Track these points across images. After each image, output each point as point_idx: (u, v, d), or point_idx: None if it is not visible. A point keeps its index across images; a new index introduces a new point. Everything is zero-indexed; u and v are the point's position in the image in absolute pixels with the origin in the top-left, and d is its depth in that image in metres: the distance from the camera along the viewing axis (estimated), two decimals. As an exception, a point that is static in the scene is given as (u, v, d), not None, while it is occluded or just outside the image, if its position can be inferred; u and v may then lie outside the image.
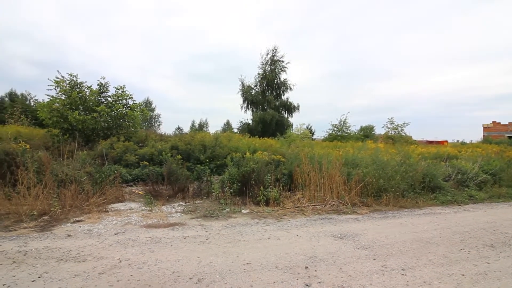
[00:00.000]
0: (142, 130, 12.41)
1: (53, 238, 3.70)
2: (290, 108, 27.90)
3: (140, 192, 6.60)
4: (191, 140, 9.79)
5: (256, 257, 3.23)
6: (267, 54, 27.91)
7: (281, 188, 6.14)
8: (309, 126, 35.62)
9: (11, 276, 2.67)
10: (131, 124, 10.58)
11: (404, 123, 18.68)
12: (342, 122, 19.97)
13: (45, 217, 4.52)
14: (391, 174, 6.36)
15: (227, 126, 45.10)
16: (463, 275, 2.93)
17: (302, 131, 17.24)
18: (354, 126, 22.09)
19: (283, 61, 27.86)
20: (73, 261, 3.01)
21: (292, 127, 24.84)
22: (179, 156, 7.88)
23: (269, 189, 5.84)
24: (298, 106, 28.31)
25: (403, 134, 18.44)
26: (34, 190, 5.03)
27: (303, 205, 5.67)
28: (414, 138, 19.96)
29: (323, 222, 4.78)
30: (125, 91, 10.48)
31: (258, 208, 5.54)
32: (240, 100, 28.50)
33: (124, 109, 10.27)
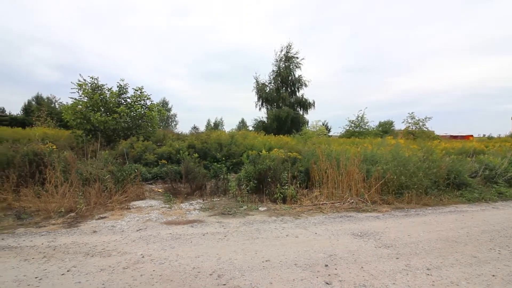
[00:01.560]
0: (160, 130, 12.70)
1: (79, 234, 3.87)
2: (306, 105, 27.53)
3: (159, 190, 6.77)
4: (207, 138, 9.92)
5: (275, 255, 3.23)
6: (281, 51, 27.70)
7: (298, 186, 6.08)
8: (325, 123, 35.25)
9: (43, 269, 2.82)
10: (149, 124, 10.87)
11: (425, 118, 18.00)
12: (359, 118, 19.53)
13: (72, 214, 4.73)
14: (413, 171, 6.14)
15: (242, 124, 45.32)
16: (493, 275, 2.79)
17: (318, 128, 17.02)
18: (372, 122, 21.61)
19: (297, 58, 27.56)
20: (99, 256, 3.14)
21: (307, 124, 24.59)
22: (196, 155, 8.01)
23: (286, 187, 5.81)
24: (314, 102, 27.93)
25: (424, 129, 17.75)
26: (61, 189, 5.28)
27: (320, 202, 5.60)
28: (436, 133, 19.14)
29: (342, 220, 4.70)
30: (143, 92, 10.77)
31: (275, 205, 5.53)
32: (255, 98, 28.50)
33: (142, 109, 10.56)
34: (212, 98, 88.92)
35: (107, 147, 8.90)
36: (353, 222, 4.60)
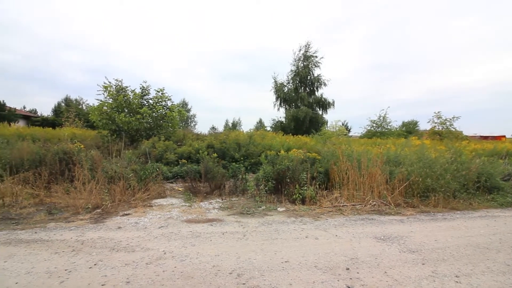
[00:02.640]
0: (180, 130, 13.00)
1: (105, 230, 4.04)
2: (325, 105, 27.05)
3: (179, 189, 6.92)
4: (225, 138, 10.02)
5: (294, 256, 3.19)
6: (300, 50, 27.39)
7: (317, 187, 5.99)
8: (345, 123, 34.46)
9: (71, 262, 2.97)
10: (170, 124, 11.15)
11: (453, 117, 17.06)
12: (381, 118, 18.91)
13: (98, 210, 4.95)
14: (440, 173, 5.85)
15: (260, 124, 45.28)
16: (531, 286, 2.59)
17: (337, 128, 16.65)
18: (395, 121, 20.84)
19: (316, 56, 27.12)
20: (124, 251, 3.26)
21: (327, 124, 24.16)
22: (215, 154, 8.10)
23: (305, 188, 5.74)
24: (333, 102, 27.39)
25: (452, 129, 16.85)
26: (88, 186, 5.54)
27: (341, 204, 5.48)
28: (465, 133, 18.15)
29: (363, 223, 4.56)
30: (164, 93, 11.08)
31: (294, 206, 5.48)
32: (273, 98, 28.41)
33: (163, 110, 10.87)
34: (230, 99, 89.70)
35: (130, 147, 9.23)
36: (375, 225, 4.45)
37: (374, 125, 19.10)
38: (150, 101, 11.02)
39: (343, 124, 29.86)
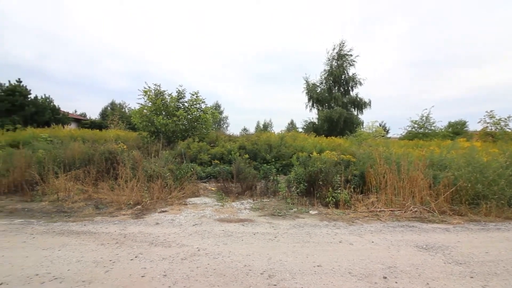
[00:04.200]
0: (213, 132, 13.38)
1: (145, 225, 4.30)
2: (360, 105, 25.93)
3: (212, 189, 7.11)
4: (257, 140, 10.09)
5: (327, 260, 3.10)
6: (334, 49, 26.61)
7: (352, 190, 5.75)
8: (383, 123, 32.70)
9: (115, 254, 3.21)
10: (204, 126, 11.54)
11: (508, 117, 15.25)
12: (424, 118, 17.53)
13: (139, 207, 5.28)
14: (493, 178, 5.27)
15: (291, 125, 44.87)
16: None
17: (374, 129, 15.80)
18: (440, 122, 19.29)
19: (351, 55, 26.15)
20: (161, 246, 3.44)
21: (362, 125, 23.12)
22: (247, 156, 8.21)
23: (339, 191, 5.55)
24: (369, 102, 26.14)
25: (508, 130, 15.09)
26: (130, 183, 5.94)
27: (378, 209, 5.20)
28: (524, 135, 16.12)
29: (403, 230, 4.28)
30: (198, 96, 11.49)
31: (326, 209, 5.32)
32: (305, 99, 27.97)
33: (198, 112, 11.29)
34: (262, 100, 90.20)
35: (167, 147, 9.72)
36: (416, 233, 4.15)
37: (416, 125, 17.78)
38: (186, 104, 11.51)
39: (380, 125, 28.41)
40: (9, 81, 18.35)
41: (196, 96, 11.44)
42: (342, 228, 4.32)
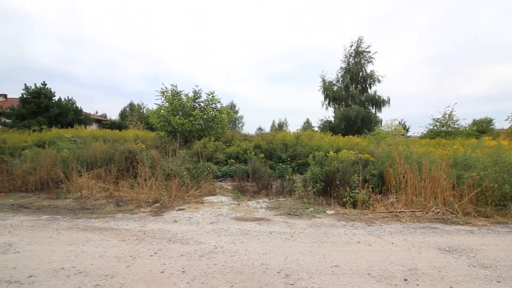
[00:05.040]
0: (228, 131, 13.48)
1: (163, 222, 4.41)
2: (379, 103, 25.21)
3: (228, 187, 7.17)
4: (272, 139, 10.07)
5: (345, 261, 3.05)
6: (351, 46, 26.01)
7: (370, 190, 5.61)
8: (402, 122, 31.67)
9: (135, 250, 3.31)
10: (219, 125, 11.65)
11: (539, 114, 14.38)
12: (447, 116, 16.79)
13: (157, 204, 5.42)
14: (523, 179, 4.98)
15: (307, 124, 44.45)
16: None
17: (393, 128, 15.31)
18: (464, 119, 18.36)
19: (369, 52, 25.48)
20: (179, 243, 3.51)
21: (381, 124, 22.50)
22: (262, 155, 8.22)
23: (356, 191, 5.43)
24: (388, 99, 25.37)
25: (538, 128, 14.21)
26: (149, 182, 6.11)
27: (397, 210, 5.04)
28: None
29: (424, 231, 4.13)
30: (214, 96, 11.61)
31: (344, 209, 5.23)
32: (321, 97, 27.59)
33: (213, 112, 11.41)
34: (277, 99, 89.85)
35: (184, 147, 9.89)
36: (439, 235, 3.99)
37: (438, 124, 17.05)
38: (202, 104, 11.66)
39: (399, 123, 27.54)
40: (35, 84, 19.32)
41: (212, 96, 11.57)
42: (360, 228, 4.23)
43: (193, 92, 11.61)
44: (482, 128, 17.76)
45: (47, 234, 3.89)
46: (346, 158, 6.19)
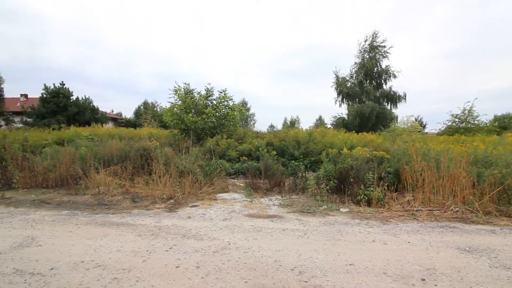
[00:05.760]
0: (240, 128, 13.51)
1: (178, 218, 4.48)
2: (394, 98, 24.49)
3: (240, 184, 7.20)
4: (285, 136, 10.02)
5: (360, 259, 3.00)
6: (366, 40, 25.31)
7: (386, 188, 5.49)
8: (419, 118, 30.73)
9: (151, 244, 3.38)
10: (231, 123, 11.69)
11: None
12: (466, 112, 16.12)
13: (171, 201, 5.51)
14: (549, 177, 4.73)
15: (320, 121, 43.95)
16: None
17: (409, 124, 14.85)
18: (485, 115, 17.65)
19: (384, 46, 24.76)
20: (193, 239, 3.56)
21: (396, 120, 21.90)
22: (274, 152, 8.18)
23: (371, 188, 5.33)
24: (404, 95, 24.60)
25: None
26: (163, 179, 6.22)
27: (414, 208, 4.91)
28: None
29: (442, 231, 4.00)
30: (226, 93, 11.65)
31: (358, 207, 5.15)
32: (334, 93, 27.10)
33: (226, 110, 11.46)
34: (289, 96, 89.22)
35: (197, 144, 10.01)
36: (458, 234, 3.86)
37: (457, 120, 16.40)
38: (214, 101, 11.73)
39: (416, 120, 26.75)
40: (54, 84, 20.02)
41: (224, 94, 11.61)
42: (375, 227, 4.15)
43: (205, 90, 11.70)
44: (504, 124, 16.95)
45: (67, 228, 4.04)
46: (360, 155, 6.08)
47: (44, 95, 19.48)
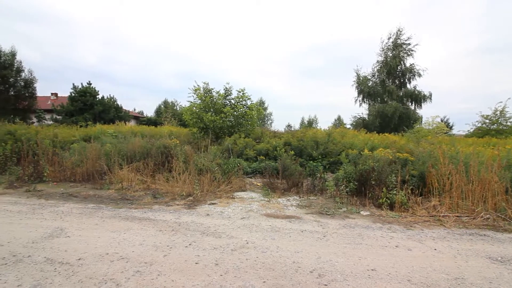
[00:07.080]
0: (258, 128, 13.49)
1: (197, 215, 4.55)
2: (419, 98, 23.45)
3: (258, 184, 7.20)
4: (302, 136, 9.91)
5: (382, 265, 2.90)
6: (389, 38, 24.49)
7: (409, 192, 5.27)
8: (445, 119, 29.31)
9: (171, 240, 3.45)
10: (249, 122, 11.72)
11: None
12: (498, 112, 15.15)
13: (190, 198, 5.61)
14: None
15: (338, 121, 43.12)
16: None
17: (435, 125, 14.14)
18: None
19: (409, 44, 23.79)
20: (212, 236, 3.60)
21: (421, 121, 21.00)
22: (292, 152, 8.11)
23: (394, 192, 5.14)
24: (430, 95, 23.52)
25: None
26: (182, 176, 6.34)
27: (440, 214, 4.68)
28: None
29: (472, 239, 3.79)
30: (245, 93, 11.68)
31: (379, 211, 4.98)
32: (354, 93, 26.47)
33: (243, 109, 11.50)
34: (306, 95, 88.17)
35: (215, 143, 10.12)
36: (489, 243, 3.64)
37: (488, 121, 15.44)
38: (232, 101, 11.80)
39: (442, 121, 25.51)
40: (81, 84, 21.03)
41: (243, 93, 11.65)
42: (398, 232, 4.00)
43: (224, 89, 11.79)
44: (541, 126, 15.74)
45: (93, 221, 4.22)
46: (382, 157, 5.88)
47: (73, 94, 20.50)
